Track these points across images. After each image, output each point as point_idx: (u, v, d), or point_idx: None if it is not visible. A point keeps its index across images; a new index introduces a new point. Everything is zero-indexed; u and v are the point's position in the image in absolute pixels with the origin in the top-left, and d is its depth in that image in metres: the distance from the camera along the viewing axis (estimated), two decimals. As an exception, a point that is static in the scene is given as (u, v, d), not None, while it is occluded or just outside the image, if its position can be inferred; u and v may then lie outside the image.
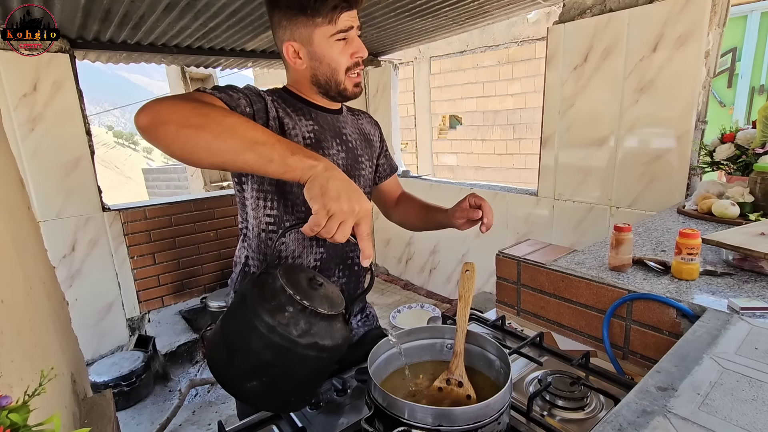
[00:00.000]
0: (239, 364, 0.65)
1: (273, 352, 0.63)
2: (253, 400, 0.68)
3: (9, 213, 0.75)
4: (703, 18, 1.78)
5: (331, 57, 0.90)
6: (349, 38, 0.90)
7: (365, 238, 0.66)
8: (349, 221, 0.63)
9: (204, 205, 3.25)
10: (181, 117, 0.63)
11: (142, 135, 0.64)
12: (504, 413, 0.67)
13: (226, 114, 0.66)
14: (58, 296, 1.10)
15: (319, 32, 0.87)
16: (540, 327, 1.18)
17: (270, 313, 0.63)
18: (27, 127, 2.43)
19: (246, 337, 0.64)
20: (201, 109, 0.65)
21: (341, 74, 0.92)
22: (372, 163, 1.11)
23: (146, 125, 0.63)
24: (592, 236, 2.34)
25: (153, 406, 2.53)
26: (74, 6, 1.96)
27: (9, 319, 0.58)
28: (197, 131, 0.62)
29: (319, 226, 0.63)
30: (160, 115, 0.63)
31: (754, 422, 0.54)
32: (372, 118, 1.19)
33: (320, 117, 0.97)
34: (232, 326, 0.67)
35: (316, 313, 0.65)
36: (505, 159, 5.64)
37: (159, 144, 0.64)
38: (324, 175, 0.64)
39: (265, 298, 0.65)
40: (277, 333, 0.62)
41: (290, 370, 0.66)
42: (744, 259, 1.04)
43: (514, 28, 3.55)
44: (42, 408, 0.51)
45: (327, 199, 0.62)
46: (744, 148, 1.62)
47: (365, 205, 0.65)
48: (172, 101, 0.65)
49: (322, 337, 0.65)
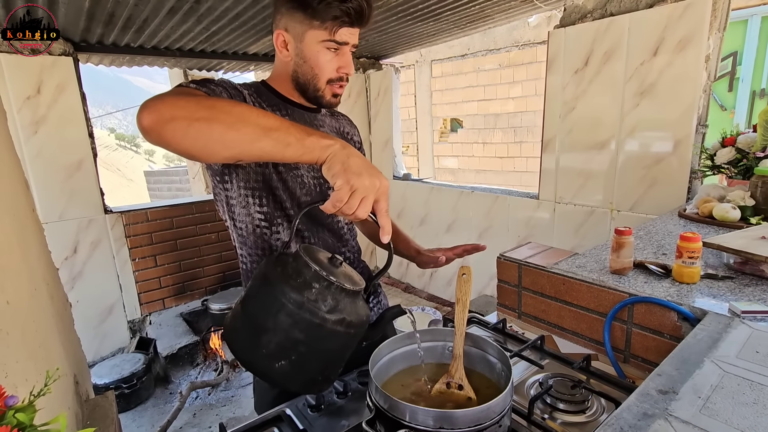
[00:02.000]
0: (267, 345, 0.64)
1: (302, 329, 0.63)
2: (282, 380, 0.67)
3: (14, 215, 0.76)
4: (704, 22, 1.79)
5: (316, 62, 0.88)
6: (341, 52, 0.89)
7: (384, 214, 0.66)
8: (370, 197, 0.63)
9: (205, 207, 3.25)
10: (188, 111, 0.60)
11: (148, 137, 0.61)
12: (505, 416, 0.67)
13: (233, 103, 0.65)
14: (62, 298, 1.10)
15: (312, 34, 0.86)
16: (541, 330, 1.18)
17: (297, 290, 0.63)
18: (30, 130, 2.44)
19: (274, 315, 0.63)
20: (205, 101, 0.63)
21: (322, 82, 0.90)
22: None
23: (152, 125, 0.60)
24: (593, 239, 2.34)
25: (154, 408, 2.52)
26: (78, 9, 1.97)
27: (14, 320, 0.59)
28: (208, 124, 0.60)
29: (341, 201, 0.62)
30: (164, 112, 0.60)
31: (755, 426, 0.55)
32: (350, 121, 1.17)
33: (296, 114, 0.95)
34: (257, 307, 0.66)
35: (342, 288, 0.65)
36: (506, 162, 5.65)
37: (168, 143, 0.61)
38: (344, 152, 0.64)
39: (290, 275, 0.64)
40: (306, 309, 0.62)
41: (319, 347, 0.65)
42: (745, 263, 1.04)
43: (515, 31, 3.56)
44: (46, 408, 0.52)
45: (350, 175, 0.61)
46: (745, 151, 1.62)
47: (384, 182, 0.65)
48: (173, 97, 0.63)
49: (348, 313, 0.65)
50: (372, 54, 3.62)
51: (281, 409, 0.84)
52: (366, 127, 3.87)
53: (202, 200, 3.30)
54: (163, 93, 0.66)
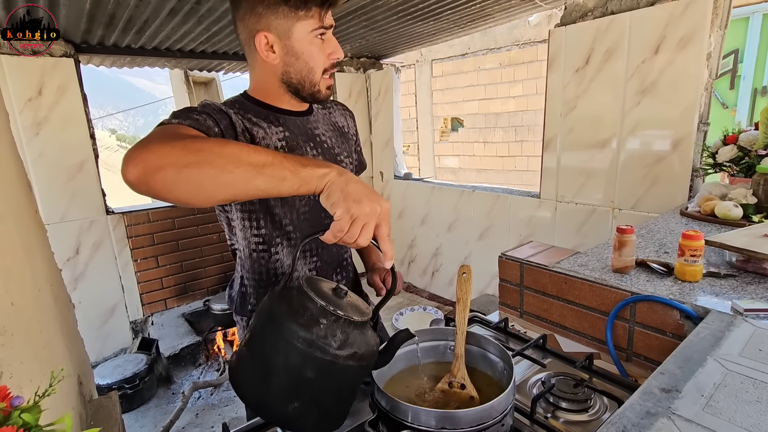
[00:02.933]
0: (278, 387, 0.62)
1: (314, 367, 0.60)
2: (297, 422, 0.64)
3: (18, 216, 0.76)
4: (705, 20, 1.79)
5: (310, 54, 0.84)
6: (327, 37, 0.85)
7: (386, 240, 0.64)
8: (371, 223, 0.62)
9: (207, 208, 3.26)
10: (176, 158, 0.57)
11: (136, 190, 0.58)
12: (507, 415, 0.67)
13: (221, 143, 0.62)
14: (65, 299, 1.11)
15: (301, 26, 0.81)
16: (543, 329, 1.18)
17: (305, 328, 0.60)
18: (32, 131, 2.45)
19: (282, 356, 0.61)
20: (192, 145, 0.60)
21: (318, 74, 0.86)
22: (351, 158, 1.06)
23: (138, 177, 0.56)
24: (595, 238, 2.33)
25: (156, 408, 2.53)
26: (79, 11, 1.98)
27: (18, 321, 0.59)
28: (199, 169, 0.57)
29: (342, 231, 0.61)
30: (150, 162, 0.57)
31: (758, 424, 0.55)
32: (345, 108, 1.12)
33: (289, 122, 0.92)
34: (264, 348, 0.63)
35: (350, 321, 0.63)
36: (507, 161, 5.65)
37: (159, 193, 0.58)
38: (341, 180, 0.62)
39: (296, 311, 0.62)
40: (317, 347, 0.60)
41: (331, 384, 0.63)
42: (747, 261, 1.04)
43: (515, 30, 3.56)
44: (51, 409, 0.52)
45: (350, 203, 0.60)
46: (746, 149, 1.62)
47: (385, 205, 0.64)
48: (156, 144, 0.59)
49: (359, 346, 0.63)
50: (372, 54, 3.62)
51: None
52: (367, 127, 3.87)
53: (204, 201, 3.30)
54: (146, 138, 0.63)
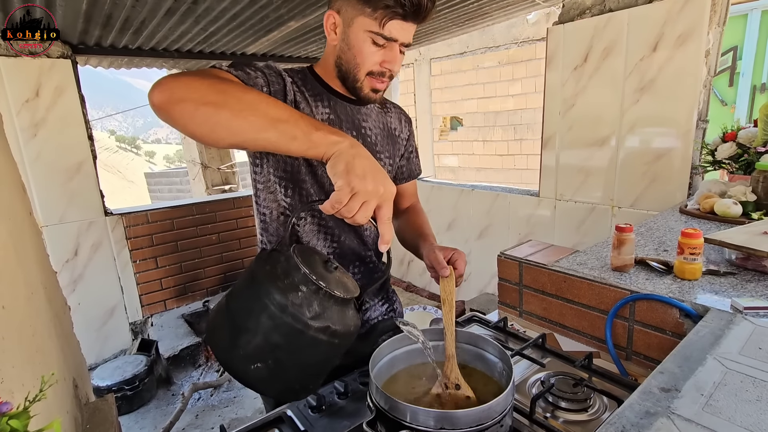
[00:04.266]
0: (244, 345, 0.61)
1: (283, 333, 0.60)
2: (256, 384, 0.65)
3: (10, 218, 0.75)
4: (703, 17, 1.78)
5: (359, 50, 0.83)
6: (388, 47, 0.83)
7: (386, 222, 0.63)
8: (372, 202, 0.60)
9: (206, 208, 3.25)
10: (199, 94, 0.59)
11: (157, 113, 0.61)
12: (507, 415, 0.67)
13: (246, 90, 0.63)
14: (60, 301, 1.10)
15: (361, 21, 0.80)
16: (542, 328, 1.18)
17: (282, 292, 0.60)
18: (29, 133, 2.44)
19: (255, 316, 0.60)
20: (218, 86, 0.62)
21: (362, 72, 0.85)
22: (393, 161, 1.04)
23: (161, 103, 0.59)
24: (594, 237, 2.33)
25: (156, 410, 2.53)
26: (76, 12, 1.97)
27: (10, 324, 0.58)
28: (216, 109, 0.59)
29: (340, 203, 0.59)
30: (175, 92, 0.60)
31: (758, 423, 0.54)
32: (404, 115, 1.09)
33: (339, 106, 0.91)
34: (239, 305, 0.63)
35: (330, 295, 0.62)
36: (507, 160, 5.64)
37: (175, 123, 0.61)
38: (350, 152, 0.61)
39: (278, 276, 0.61)
40: (288, 313, 0.59)
41: (298, 354, 0.62)
42: (747, 259, 1.03)
43: (513, 29, 3.55)
44: (43, 414, 0.51)
45: (352, 177, 0.59)
46: (746, 146, 1.61)
47: (390, 188, 0.62)
48: (188, 78, 0.62)
49: (334, 322, 0.62)
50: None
51: (282, 410, 0.84)
52: (365, 127, 3.86)
53: (203, 201, 3.30)
54: (185, 72, 0.65)
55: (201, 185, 5.87)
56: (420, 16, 0.80)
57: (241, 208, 3.42)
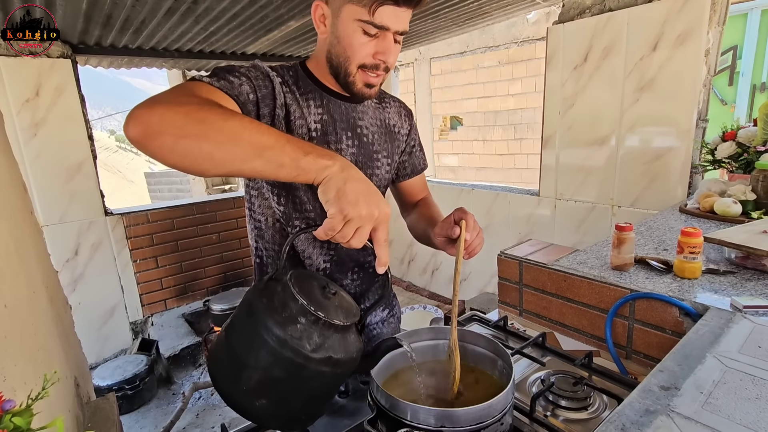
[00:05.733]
0: (246, 381, 0.60)
1: (284, 368, 0.59)
2: (262, 419, 0.63)
3: (11, 218, 0.76)
4: (703, 16, 1.78)
5: (349, 42, 0.77)
6: (381, 36, 0.77)
7: (382, 245, 0.62)
8: (366, 227, 0.59)
9: (206, 208, 3.26)
10: (175, 126, 0.55)
11: (135, 147, 0.57)
12: (507, 414, 0.67)
13: (226, 117, 0.58)
14: (61, 300, 1.10)
15: (349, 9, 0.75)
16: (542, 327, 1.18)
17: (281, 326, 0.58)
18: (29, 132, 2.44)
19: (254, 351, 0.59)
20: (197, 114, 0.57)
21: (353, 66, 0.79)
22: (392, 159, 0.99)
23: (137, 138, 0.55)
24: (594, 236, 2.33)
25: (157, 409, 2.53)
26: (76, 11, 1.97)
27: (12, 323, 0.59)
28: (197, 142, 0.55)
29: (334, 230, 0.58)
30: (150, 125, 0.55)
31: (757, 421, 0.54)
32: (405, 108, 1.04)
33: (332, 104, 0.87)
34: (238, 340, 0.62)
35: (330, 324, 0.60)
36: (507, 159, 5.64)
37: (155, 157, 0.57)
38: (341, 176, 0.59)
39: (275, 308, 0.60)
40: (289, 347, 0.58)
41: (302, 387, 0.61)
42: (746, 258, 1.03)
43: (513, 28, 3.55)
44: (46, 412, 0.51)
45: (344, 203, 0.57)
46: (745, 146, 1.62)
47: (384, 210, 0.60)
48: (163, 107, 0.57)
49: (336, 351, 0.61)
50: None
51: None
52: (365, 126, 3.86)
53: (203, 201, 3.30)
54: (159, 95, 0.61)
55: (201, 185, 5.87)
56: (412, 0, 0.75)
57: (241, 208, 3.42)
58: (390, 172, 1.00)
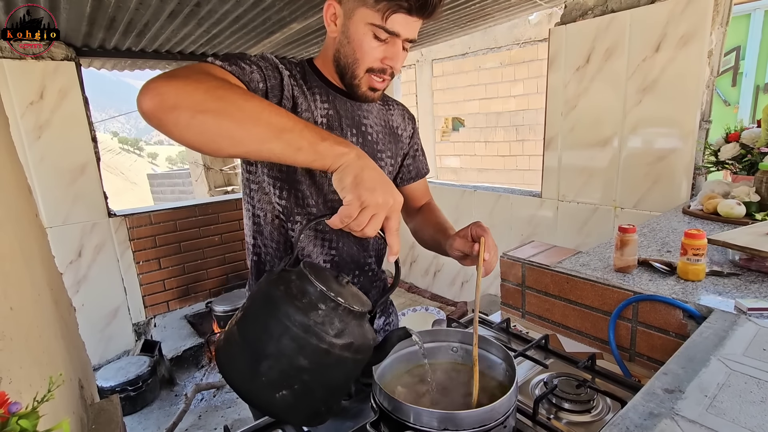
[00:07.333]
0: (267, 372, 0.58)
1: (308, 354, 0.57)
2: (284, 412, 0.61)
3: (17, 221, 0.76)
4: (706, 17, 1.78)
5: (359, 44, 0.78)
6: (391, 42, 0.78)
7: (394, 233, 0.62)
8: (381, 214, 0.59)
9: (208, 209, 3.26)
10: (194, 101, 0.54)
11: (147, 121, 0.55)
12: (510, 416, 0.67)
13: (246, 97, 0.58)
14: (66, 302, 1.11)
15: (362, 12, 0.76)
16: (545, 329, 1.18)
17: (303, 312, 0.57)
18: (34, 135, 2.45)
19: (275, 340, 0.57)
20: (216, 92, 0.56)
21: (361, 69, 0.81)
22: (395, 161, 1.00)
23: (151, 110, 0.53)
24: (597, 237, 2.33)
25: (159, 410, 2.53)
26: (79, 14, 1.98)
27: (18, 325, 0.59)
28: (216, 118, 0.54)
29: (350, 218, 0.58)
30: (167, 98, 0.53)
31: (762, 424, 0.54)
32: (407, 112, 1.05)
33: (338, 101, 0.87)
34: (256, 330, 0.60)
35: (350, 310, 0.60)
36: (509, 161, 5.63)
37: (169, 132, 0.55)
38: (357, 164, 0.59)
39: (294, 296, 0.59)
40: (312, 333, 0.57)
41: (324, 374, 0.60)
42: (751, 260, 1.03)
43: (515, 29, 3.55)
44: (50, 414, 0.52)
45: (362, 190, 0.57)
46: (749, 147, 1.61)
47: (398, 198, 0.61)
48: (181, 80, 0.56)
49: (356, 337, 0.60)
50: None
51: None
52: (367, 128, 3.86)
53: (205, 202, 3.31)
54: (175, 71, 0.59)
55: (203, 186, 5.89)
56: (426, 11, 0.76)
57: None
58: (392, 173, 1.00)
